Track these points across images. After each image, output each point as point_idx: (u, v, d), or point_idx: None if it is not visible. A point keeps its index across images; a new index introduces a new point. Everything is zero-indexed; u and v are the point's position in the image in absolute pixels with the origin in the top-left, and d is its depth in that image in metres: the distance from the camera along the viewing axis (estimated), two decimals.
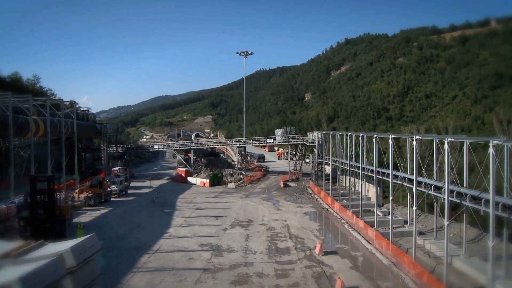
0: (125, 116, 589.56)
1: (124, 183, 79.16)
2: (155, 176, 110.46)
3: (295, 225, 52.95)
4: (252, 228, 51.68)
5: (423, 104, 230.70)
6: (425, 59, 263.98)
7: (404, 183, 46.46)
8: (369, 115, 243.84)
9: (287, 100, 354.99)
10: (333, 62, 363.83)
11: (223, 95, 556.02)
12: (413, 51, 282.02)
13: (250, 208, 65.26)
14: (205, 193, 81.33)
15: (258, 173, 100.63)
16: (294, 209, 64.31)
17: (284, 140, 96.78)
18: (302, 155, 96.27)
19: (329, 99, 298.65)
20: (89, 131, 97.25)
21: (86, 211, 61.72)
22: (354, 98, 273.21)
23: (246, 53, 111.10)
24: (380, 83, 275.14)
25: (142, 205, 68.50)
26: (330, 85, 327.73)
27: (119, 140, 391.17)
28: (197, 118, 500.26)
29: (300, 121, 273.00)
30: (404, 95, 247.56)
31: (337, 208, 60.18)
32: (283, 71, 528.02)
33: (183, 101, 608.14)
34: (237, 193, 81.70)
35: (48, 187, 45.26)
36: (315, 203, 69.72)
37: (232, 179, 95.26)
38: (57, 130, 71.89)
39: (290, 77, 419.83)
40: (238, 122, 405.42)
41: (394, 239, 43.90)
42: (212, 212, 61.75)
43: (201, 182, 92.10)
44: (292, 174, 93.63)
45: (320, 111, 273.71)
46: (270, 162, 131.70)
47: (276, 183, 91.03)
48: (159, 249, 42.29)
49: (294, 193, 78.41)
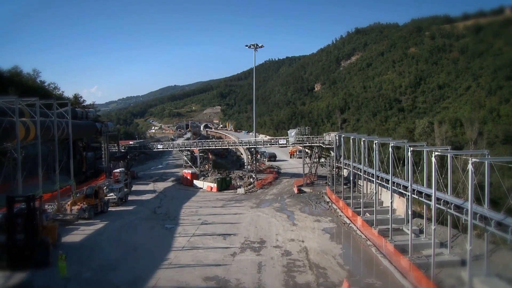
0: (134, 107, 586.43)
1: (123, 190, 71.23)
2: (160, 176, 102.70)
3: (314, 248, 45.20)
4: (265, 252, 44.00)
5: (436, 95, 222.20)
6: (438, 49, 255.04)
7: (422, 198, 43.21)
8: (380, 107, 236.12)
9: (297, 90, 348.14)
10: (343, 52, 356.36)
11: (232, 86, 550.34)
12: (425, 40, 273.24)
13: (262, 222, 57.37)
14: (212, 201, 72.98)
15: (270, 176, 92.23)
16: (311, 223, 56.40)
17: (298, 141, 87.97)
18: (317, 158, 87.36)
19: (339, 90, 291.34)
20: (88, 130, 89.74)
21: (79, 226, 54.30)
22: (365, 89, 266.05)
23: (256, 46, 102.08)
24: (392, 73, 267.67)
25: (142, 217, 60.70)
26: (340, 75, 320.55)
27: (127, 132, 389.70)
28: (206, 109, 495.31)
29: (310, 112, 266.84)
30: (416, 86, 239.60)
31: (359, 224, 52.46)
32: (292, 61, 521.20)
33: (191, 92, 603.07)
34: (247, 200, 73.29)
35: (28, 208, 38.68)
36: (333, 215, 61.51)
37: (242, 183, 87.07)
38: (50, 132, 64.66)
39: (299, 67, 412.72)
40: (247, 113, 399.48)
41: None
42: (219, 228, 53.89)
43: (208, 187, 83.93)
44: (307, 177, 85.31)
45: (331, 102, 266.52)
46: (282, 162, 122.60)
47: (289, 188, 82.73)
48: (156, 285, 34.91)
49: (310, 202, 70.03)
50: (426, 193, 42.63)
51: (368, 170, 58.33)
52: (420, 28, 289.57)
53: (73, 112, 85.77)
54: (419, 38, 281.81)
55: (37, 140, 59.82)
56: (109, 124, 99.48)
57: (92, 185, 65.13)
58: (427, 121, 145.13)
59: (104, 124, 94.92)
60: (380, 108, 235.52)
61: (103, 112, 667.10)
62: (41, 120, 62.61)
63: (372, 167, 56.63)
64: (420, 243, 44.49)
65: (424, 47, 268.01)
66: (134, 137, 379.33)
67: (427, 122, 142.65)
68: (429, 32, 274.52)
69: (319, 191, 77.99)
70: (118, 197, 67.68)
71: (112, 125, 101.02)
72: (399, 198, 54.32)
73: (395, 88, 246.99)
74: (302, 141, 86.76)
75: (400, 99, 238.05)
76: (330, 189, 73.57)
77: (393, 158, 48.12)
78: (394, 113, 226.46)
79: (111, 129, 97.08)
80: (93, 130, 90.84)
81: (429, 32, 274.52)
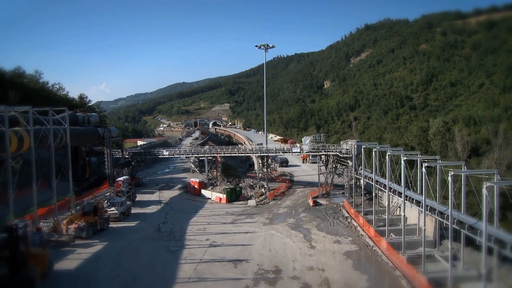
0: (142, 104, 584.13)
1: (126, 203, 65.33)
2: (166, 183, 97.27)
3: (337, 280, 39.34)
4: (282, 285, 38.15)
5: (448, 93, 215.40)
6: (449, 45, 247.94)
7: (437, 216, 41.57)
8: (391, 104, 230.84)
9: (306, 88, 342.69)
10: (352, 49, 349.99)
11: (240, 83, 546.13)
12: (437, 37, 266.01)
13: (276, 243, 51.34)
14: (221, 215, 66.34)
15: (282, 186, 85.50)
16: (331, 245, 50.33)
17: (313, 150, 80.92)
18: (334, 167, 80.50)
19: (349, 87, 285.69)
20: (89, 137, 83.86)
21: (75, 248, 48.74)
22: (376, 86, 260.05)
23: (267, 46, 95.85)
24: (403, 70, 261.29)
25: (145, 236, 54.76)
26: (350, 72, 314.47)
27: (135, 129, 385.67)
28: (215, 106, 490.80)
29: (320, 110, 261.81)
30: (428, 83, 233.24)
31: (384, 248, 46.62)
32: (301, 57, 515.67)
33: (200, 89, 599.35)
34: (259, 215, 66.59)
35: (10, 239, 33.46)
36: (354, 234, 55.30)
37: (253, 193, 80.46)
38: (47, 141, 59.26)
39: (308, 64, 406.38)
40: (256, 110, 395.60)
41: None
42: (229, 251, 47.93)
43: (217, 198, 77.68)
44: (322, 188, 78.77)
45: (341, 99, 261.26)
46: (295, 167, 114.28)
47: (304, 199, 76.46)
48: None
49: (327, 217, 63.59)
50: (439, 210, 41.01)
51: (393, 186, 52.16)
52: (431, 24, 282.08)
53: (74, 117, 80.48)
54: (430, 35, 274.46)
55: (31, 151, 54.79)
56: (113, 129, 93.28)
57: (91, 201, 59.10)
58: (441, 120, 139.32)
59: (107, 129, 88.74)
60: (391, 106, 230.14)
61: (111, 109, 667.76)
62: (36, 129, 57.46)
63: (394, 181, 51.20)
64: (457, 276, 38.64)
65: (435, 43, 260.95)
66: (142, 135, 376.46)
67: (441, 122, 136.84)
68: (441, 28, 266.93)
69: (336, 204, 71.64)
70: (120, 212, 62.01)
71: (116, 130, 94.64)
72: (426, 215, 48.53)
73: (406, 86, 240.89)
74: (318, 150, 79.66)
75: (412, 96, 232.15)
76: (348, 201, 67.47)
77: (423, 176, 42.07)
78: (406, 111, 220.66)
79: (114, 134, 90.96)
80: (94, 136, 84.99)
81: (441, 28, 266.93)
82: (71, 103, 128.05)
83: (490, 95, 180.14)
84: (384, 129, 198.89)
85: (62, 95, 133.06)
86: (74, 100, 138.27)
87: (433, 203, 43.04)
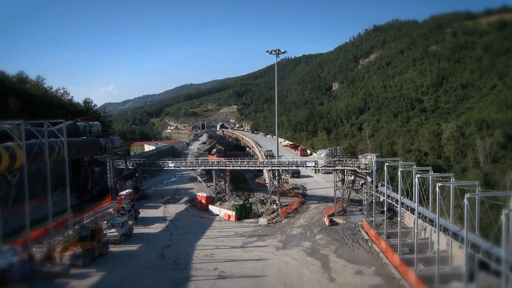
0: (150, 106, 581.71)
1: (128, 224, 59.59)
2: (172, 195, 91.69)
3: None
4: None
5: (459, 95, 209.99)
6: (460, 47, 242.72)
7: None
8: (401, 107, 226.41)
9: (314, 89, 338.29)
10: (361, 50, 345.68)
11: (248, 84, 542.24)
12: (447, 38, 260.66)
13: (292, 274, 45.23)
14: (231, 237, 59.72)
15: (295, 202, 78.73)
16: (353, 277, 44.18)
17: (329, 164, 74.16)
18: (351, 183, 73.90)
19: (358, 89, 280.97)
20: (90, 148, 78.37)
21: (69, 279, 43.55)
22: (385, 88, 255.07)
23: (278, 51, 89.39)
24: (412, 72, 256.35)
25: (147, 264, 48.79)
26: (359, 74, 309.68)
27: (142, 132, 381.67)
28: (222, 108, 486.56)
29: (329, 113, 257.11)
30: (438, 85, 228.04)
31: (413, 282, 41.11)
32: (309, 59, 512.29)
33: (207, 91, 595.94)
34: (271, 236, 60.10)
35: None
36: (377, 262, 49.42)
37: (264, 209, 74.11)
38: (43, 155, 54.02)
39: (316, 65, 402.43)
40: (263, 113, 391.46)
41: None
42: (240, 285, 42.10)
43: (226, 215, 71.37)
44: (338, 205, 72.02)
45: (350, 102, 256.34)
46: (307, 178, 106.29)
47: (319, 217, 69.88)
48: None
49: (345, 239, 57.14)
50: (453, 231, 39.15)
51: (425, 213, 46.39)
52: (441, 25, 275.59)
53: (74, 127, 75.36)
54: (440, 36, 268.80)
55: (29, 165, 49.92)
56: (116, 138, 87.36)
57: (88, 225, 53.46)
58: (455, 125, 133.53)
59: (110, 139, 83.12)
60: (401, 109, 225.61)
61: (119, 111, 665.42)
62: (29, 143, 52.27)
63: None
64: None
65: (445, 44, 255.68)
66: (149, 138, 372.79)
67: (455, 126, 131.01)
68: (451, 29, 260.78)
69: (354, 223, 65.31)
70: (121, 234, 56.45)
71: (119, 140, 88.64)
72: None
73: (416, 88, 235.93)
74: (334, 164, 73.03)
75: (422, 99, 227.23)
76: (367, 221, 61.57)
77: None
78: (416, 114, 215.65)
79: (117, 145, 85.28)
80: (96, 147, 79.37)
81: (451, 29, 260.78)
82: (75, 108, 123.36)
83: (503, 97, 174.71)
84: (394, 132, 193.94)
85: (67, 100, 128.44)
86: (78, 105, 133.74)
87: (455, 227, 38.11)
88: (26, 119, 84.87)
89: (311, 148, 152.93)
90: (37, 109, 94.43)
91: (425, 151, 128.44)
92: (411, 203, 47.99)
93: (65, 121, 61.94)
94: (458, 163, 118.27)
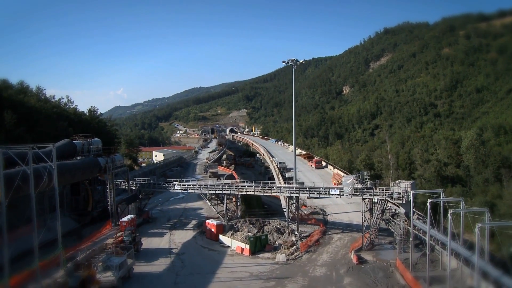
0: (159, 110, 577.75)
1: (126, 263, 50.74)
2: (179, 217, 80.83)
3: None
4: None
5: (474, 99, 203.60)
6: (474, 49, 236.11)
7: None
8: (415, 112, 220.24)
9: (324, 93, 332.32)
10: (372, 53, 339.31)
11: (257, 88, 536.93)
12: (460, 40, 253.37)
13: None
14: (244, 280, 48.11)
15: (316, 232, 67.22)
16: None
17: (356, 192, 63.47)
18: (380, 213, 62.88)
19: (369, 93, 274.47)
20: (87, 171, 68.71)
21: None
22: (398, 92, 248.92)
23: (295, 62, 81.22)
24: (425, 76, 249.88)
25: None
26: (370, 78, 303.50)
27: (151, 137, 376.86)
28: (232, 112, 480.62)
29: (340, 117, 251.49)
30: (452, 89, 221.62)
31: None
32: (319, 62, 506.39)
33: (217, 94, 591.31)
34: (292, 280, 47.32)
35: None
36: None
37: (281, 240, 65.08)
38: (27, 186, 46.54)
39: (326, 69, 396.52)
40: (273, 117, 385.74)
41: None
42: None
43: (238, 248, 62.50)
44: (367, 238, 61.57)
45: (361, 106, 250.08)
46: (326, 199, 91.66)
47: (344, 251, 58.34)
48: None
49: (378, 285, 49.05)
50: None
51: None
52: (453, 27, 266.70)
53: (70, 147, 67.41)
54: (452, 38, 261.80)
55: None
56: (117, 157, 78.56)
57: (77, 274, 45.19)
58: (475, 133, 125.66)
59: (111, 158, 75.04)
60: (415, 113, 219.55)
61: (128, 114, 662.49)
62: (9, 172, 44.87)
63: None
64: None
65: (458, 47, 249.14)
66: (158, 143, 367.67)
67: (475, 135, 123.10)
68: (463, 31, 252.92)
69: (385, 261, 55.69)
70: (118, 277, 47.67)
71: (120, 158, 79.85)
72: None
73: (429, 92, 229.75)
74: (361, 192, 62.57)
75: (436, 103, 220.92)
76: (401, 259, 52.70)
77: None
78: (430, 119, 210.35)
79: (119, 163, 76.78)
80: (94, 169, 70.25)
81: (463, 31, 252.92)
82: (79, 118, 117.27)
83: None
84: (408, 138, 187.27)
85: (70, 109, 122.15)
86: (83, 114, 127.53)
87: None
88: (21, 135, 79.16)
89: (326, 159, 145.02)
90: (37, 122, 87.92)
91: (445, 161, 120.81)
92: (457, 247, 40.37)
93: (54, 145, 53.64)
94: (479, 173, 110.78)
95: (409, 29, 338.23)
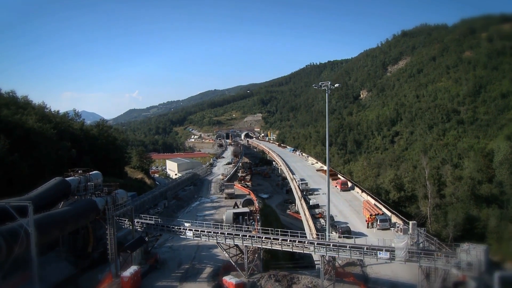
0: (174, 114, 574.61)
1: None
2: (191, 262, 65.08)
3: None
4: None
5: (499, 105, 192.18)
6: (497, 52, 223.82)
7: None
8: (437, 118, 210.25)
9: (341, 98, 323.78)
10: (389, 57, 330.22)
11: (273, 91, 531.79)
12: (482, 43, 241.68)
13: None
14: None
15: None
16: None
17: (412, 256, 48.63)
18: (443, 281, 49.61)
19: (388, 98, 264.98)
20: (80, 218, 56.99)
21: None
22: (418, 98, 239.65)
23: (330, 85, 68.59)
24: (447, 80, 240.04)
25: None
26: (389, 82, 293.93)
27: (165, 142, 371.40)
28: (247, 116, 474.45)
29: (359, 124, 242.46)
30: (476, 94, 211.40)
31: None
32: (334, 65, 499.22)
33: (231, 98, 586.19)
34: None
35: None
36: None
37: None
38: None
39: (343, 72, 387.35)
40: (289, 121, 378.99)
41: None
42: None
43: None
44: None
45: (381, 112, 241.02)
46: (359, 239, 73.63)
47: None
48: None
49: None
50: None
51: None
52: (474, 30, 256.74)
53: (61, 187, 57.39)
54: (474, 41, 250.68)
55: None
56: (120, 193, 67.37)
57: None
58: (510, 146, 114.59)
59: (111, 196, 64.26)
60: (437, 120, 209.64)
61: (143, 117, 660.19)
62: None
63: None
64: None
65: (480, 50, 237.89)
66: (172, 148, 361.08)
67: (510, 148, 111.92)
68: (486, 33, 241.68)
69: None
70: None
71: (124, 194, 68.68)
72: None
73: (452, 97, 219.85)
74: (418, 257, 47.46)
75: (459, 109, 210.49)
76: None
77: None
78: (453, 126, 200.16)
79: (121, 201, 65.69)
80: (90, 214, 59.45)
81: (486, 33, 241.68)
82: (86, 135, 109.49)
83: None
84: (430, 146, 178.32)
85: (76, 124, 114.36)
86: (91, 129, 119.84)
87: None
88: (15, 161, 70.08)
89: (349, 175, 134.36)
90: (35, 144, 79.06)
91: (478, 179, 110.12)
92: None
93: (31, 203, 43.95)
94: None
95: (428, 32, 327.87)
